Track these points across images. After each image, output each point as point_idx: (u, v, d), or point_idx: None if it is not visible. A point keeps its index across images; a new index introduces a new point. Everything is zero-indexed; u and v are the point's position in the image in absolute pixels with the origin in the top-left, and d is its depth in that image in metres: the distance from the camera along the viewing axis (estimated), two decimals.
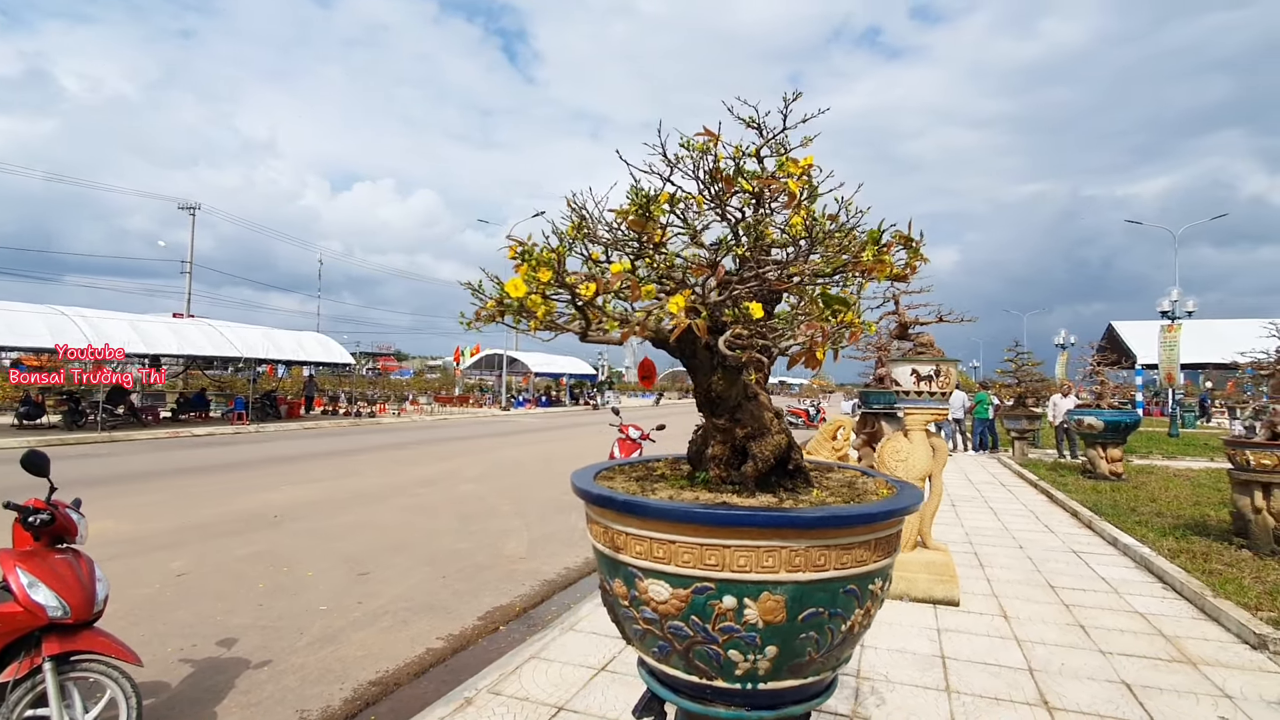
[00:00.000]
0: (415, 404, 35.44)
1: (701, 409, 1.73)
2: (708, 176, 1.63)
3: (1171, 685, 3.54)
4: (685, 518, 1.43)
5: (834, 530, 1.43)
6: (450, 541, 7.22)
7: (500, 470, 12.77)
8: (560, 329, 1.45)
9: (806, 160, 1.63)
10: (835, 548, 1.44)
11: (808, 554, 1.42)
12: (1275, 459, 5.78)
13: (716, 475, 1.74)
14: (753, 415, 1.70)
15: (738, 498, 1.63)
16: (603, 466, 1.99)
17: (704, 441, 1.82)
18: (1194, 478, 10.78)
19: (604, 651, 4.00)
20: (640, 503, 1.49)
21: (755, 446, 1.68)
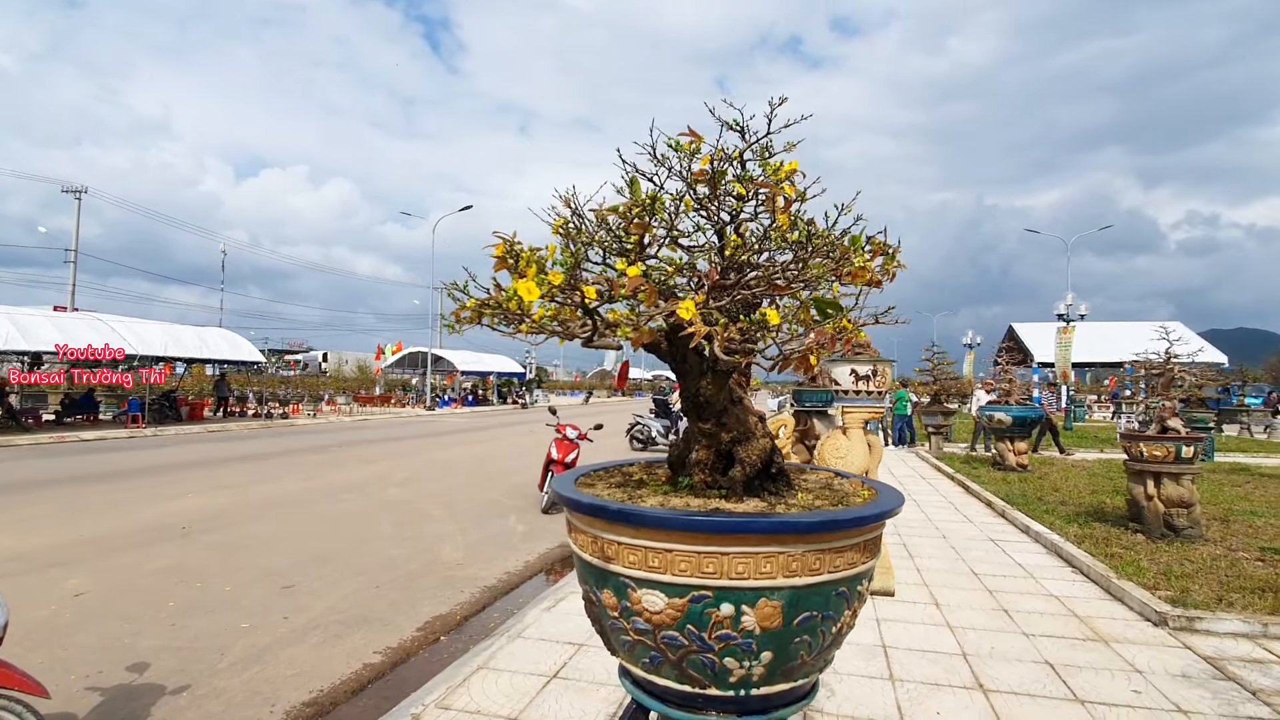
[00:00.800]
0: (333, 404, 33.83)
1: (688, 414, 1.71)
2: (694, 178, 1.61)
3: (1089, 663, 3.82)
4: (684, 526, 1.40)
5: (829, 534, 1.44)
6: (382, 549, 6.92)
7: (430, 473, 12.37)
8: (558, 334, 1.38)
9: (790, 165, 1.63)
10: (829, 551, 1.45)
11: (804, 558, 1.43)
12: (1165, 450, 6.33)
13: (701, 480, 1.72)
14: (738, 419, 1.69)
15: (727, 503, 1.62)
16: (581, 473, 1.94)
17: (687, 446, 1.80)
18: (1089, 468, 11.70)
19: (555, 658, 3.92)
20: (635, 511, 1.45)
21: (742, 451, 1.67)
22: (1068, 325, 19.11)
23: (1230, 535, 6.49)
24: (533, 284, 1.26)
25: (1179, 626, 4.27)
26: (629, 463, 2.16)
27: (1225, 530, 6.70)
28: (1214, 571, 5.23)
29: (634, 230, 1.44)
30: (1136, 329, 35.12)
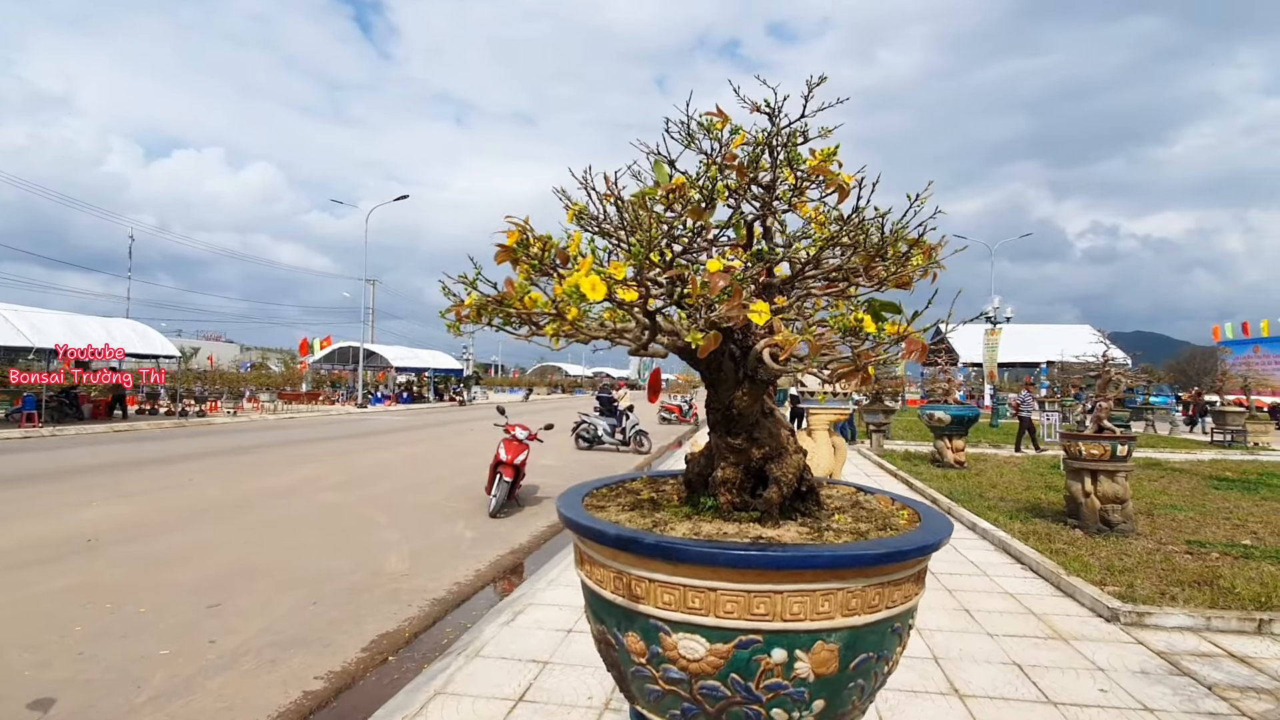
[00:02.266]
0: (255, 401, 31.96)
1: (715, 428, 1.52)
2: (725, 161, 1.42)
3: (1054, 662, 3.86)
4: (734, 562, 1.22)
5: (892, 565, 1.28)
6: (318, 560, 6.44)
7: (367, 475, 11.75)
8: (598, 338, 1.17)
9: (827, 150, 1.47)
10: (889, 585, 1.30)
11: (864, 594, 1.27)
12: (1101, 449, 6.60)
13: (728, 502, 1.54)
14: (770, 434, 1.52)
15: (762, 528, 1.44)
16: (583, 492, 1.72)
17: (709, 463, 1.61)
18: (1019, 464, 12.23)
19: (519, 679, 3.67)
20: (678, 546, 1.25)
21: (776, 469, 1.50)
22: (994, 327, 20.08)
23: (1158, 529, 6.83)
24: (597, 279, 1.04)
25: (1130, 622, 4.40)
26: (629, 478, 1.96)
27: (1152, 524, 7.05)
28: (1151, 565, 5.46)
29: (691, 217, 1.24)
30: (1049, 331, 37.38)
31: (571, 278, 1.06)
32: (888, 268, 1.41)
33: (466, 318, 1.30)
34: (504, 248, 1.35)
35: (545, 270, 1.20)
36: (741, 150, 1.45)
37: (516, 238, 1.20)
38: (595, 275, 1.04)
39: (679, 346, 1.26)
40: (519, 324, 1.23)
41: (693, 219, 1.26)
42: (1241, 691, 3.48)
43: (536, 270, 1.21)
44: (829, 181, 1.30)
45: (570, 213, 1.36)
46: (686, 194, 1.21)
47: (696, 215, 1.25)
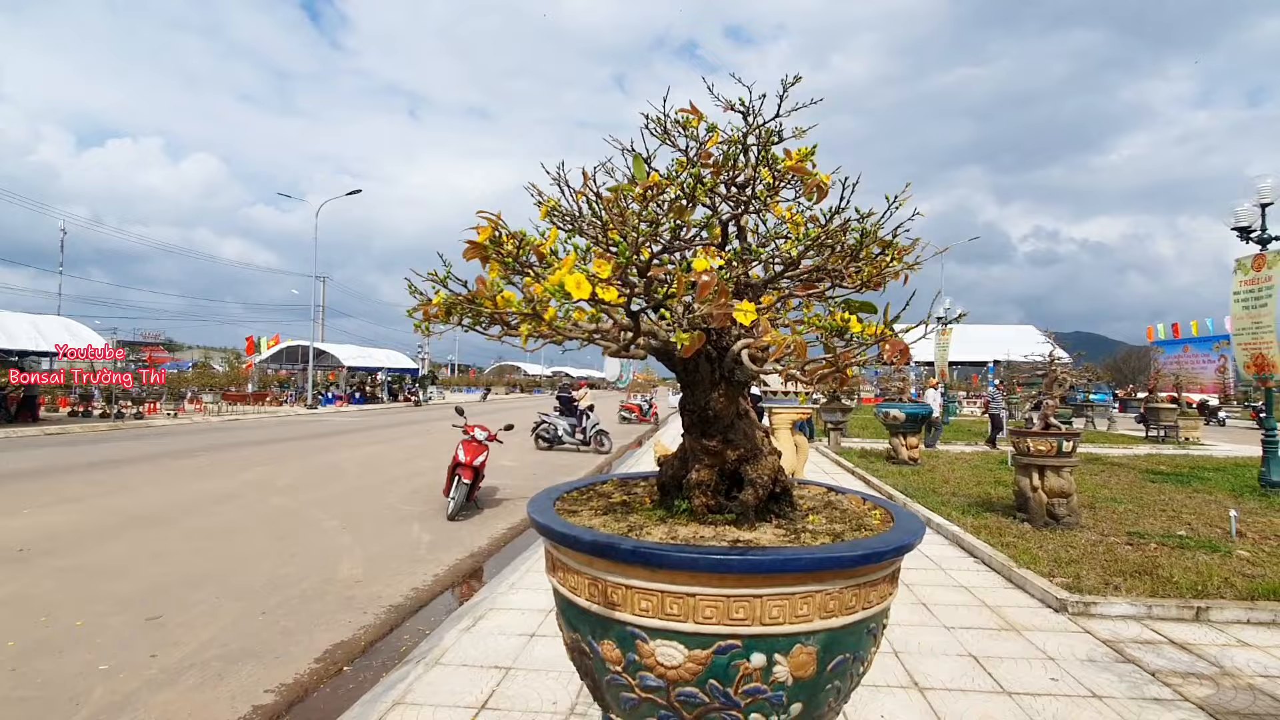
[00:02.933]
0: (197, 403, 30.68)
1: (690, 429, 1.50)
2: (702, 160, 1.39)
3: (1007, 653, 3.98)
4: (715, 567, 1.19)
5: (871, 566, 1.28)
6: (267, 568, 6.20)
7: (317, 478, 11.39)
8: (579, 338, 1.13)
9: (804, 150, 1.46)
10: (865, 586, 1.30)
11: (842, 596, 1.26)
12: (1049, 445, 6.85)
13: (703, 504, 1.52)
14: (746, 435, 1.51)
15: (739, 530, 1.42)
16: (553, 496, 1.68)
17: (683, 465, 1.59)
18: (969, 460, 12.62)
19: (481, 686, 3.59)
20: (656, 551, 1.22)
21: (752, 470, 1.49)
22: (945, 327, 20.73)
23: (1100, 521, 7.12)
24: (581, 277, 1.00)
25: (1077, 612, 4.57)
26: (599, 480, 1.92)
27: (1095, 517, 7.35)
28: (1095, 557, 5.68)
29: (673, 216, 1.21)
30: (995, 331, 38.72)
31: (554, 275, 1.02)
32: (861, 269, 1.41)
33: (434, 317, 1.24)
34: (474, 244, 1.30)
35: (520, 268, 1.15)
36: (717, 149, 1.43)
37: (488, 234, 1.15)
38: (579, 274, 1.00)
39: (656, 347, 1.23)
40: (490, 324, 1.18)
41: (674, 217, 1.23)
42: (1183, 677, 3.65)
43: (511, 268, 1.16)
44: (807, 181, 1.29)
45: (543, 209, 1.32)
46: (663, 190, 1.18)
47: (679, 214, 1.22)
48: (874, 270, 1.41)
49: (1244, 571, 5.24)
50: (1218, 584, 4.91)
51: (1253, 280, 8.63)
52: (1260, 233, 8.66)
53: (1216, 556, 5.70)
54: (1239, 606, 4.51)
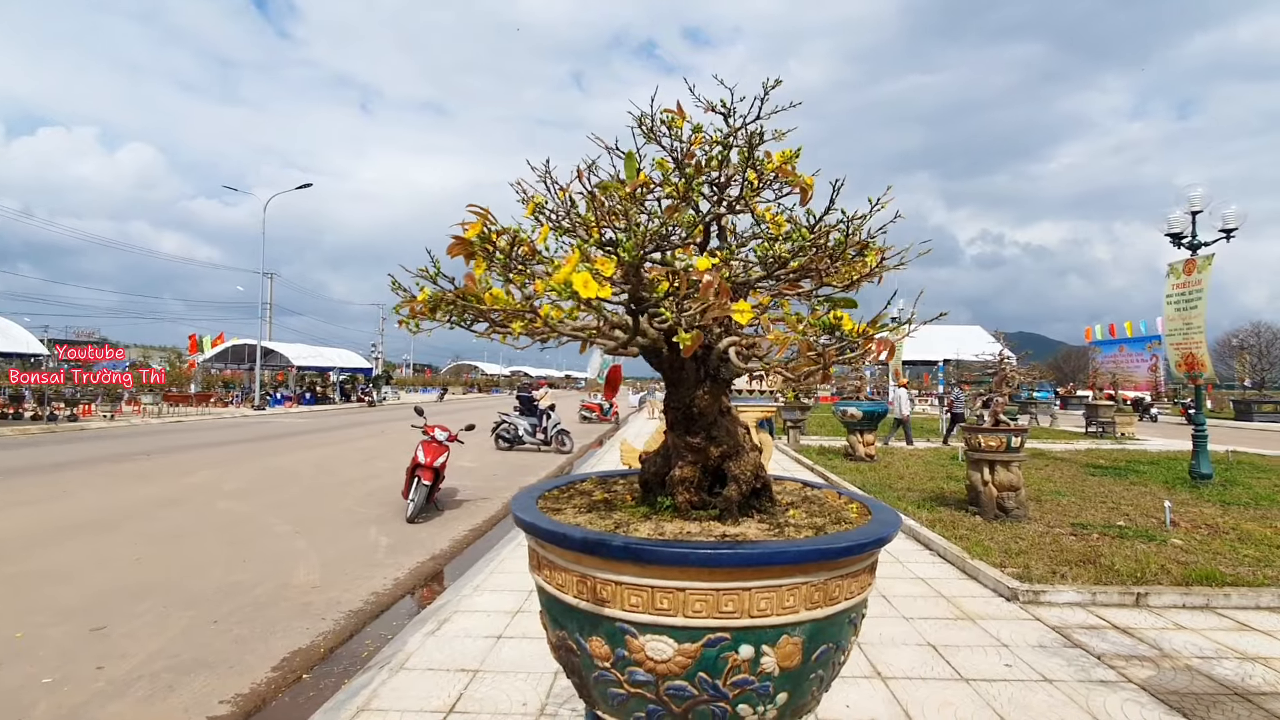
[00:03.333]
0: (136, 404, 29.32)
1: (674, 426, 1.51)
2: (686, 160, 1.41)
3: (964, 641, 4.12)
4: (705, 561, 1.21)
5: (853, 557, 1.31)
6: (217, 575, 5.98)
7: (268, 482, 11.03)
8: (579, 337, 1.12)
9: (789, 152, 1.49)
10: (848, 576, 1.33)
11: (826, 587, 1.29)
12: (998, 441, 7.11)
13: (686, 500, 1.53)
14: (728, 432, 1.53)
15: (724, 525, 1.45)
16: (534, 495, 1.67)
17: (665, 462, 1.60)
18: (923, 456, 13.00)
19: (448, 690, 3.53)
20: (648, 547, 1.23)
21: (734, 467, 1.51)
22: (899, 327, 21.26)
23: (1046, 514, 7.43)
24: (588, 275, 0.99)
25: (1028, 600, 4.76)
26: (577, 479, 1.92)
27: (1041, 509, 7.67)
28: (1042, 547, 5.93)
29: (667, 215, 1.22)
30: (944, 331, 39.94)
31: (560, 274, 1.01)
32: (838, 269, 1.44)
33: (420, 314, 1.23)
34: (460, 240, 1.28)
35: (515, 265, 1.14)
36: (700, 150, 1.45)
37: (478, 229, 1.14)
38: (586, 272, 0.99)
39: (645, 345, 1.24)
40: (477, 321, 1.17)
41: (668, 217, 1.24)
42: (1126, 660, 3.84)
43: (506, 265, 1.15)
44: (792, 182, 1.32)
45: (529, 206, 1.31)
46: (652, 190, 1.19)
47: (671, 213, 1.23)
48: (860, 270, 1.45)
49: (1178, 559, 5.54)
50: (1155, 571, 5.18)
51: (1184, 284, 9.13)
52: (1191, 239, 9.18)
53: (1153, 545, 6.01)
54: (1175, 592, 4.76)
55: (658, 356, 1.33)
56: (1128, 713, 3.25)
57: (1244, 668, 3.75)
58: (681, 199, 1.23)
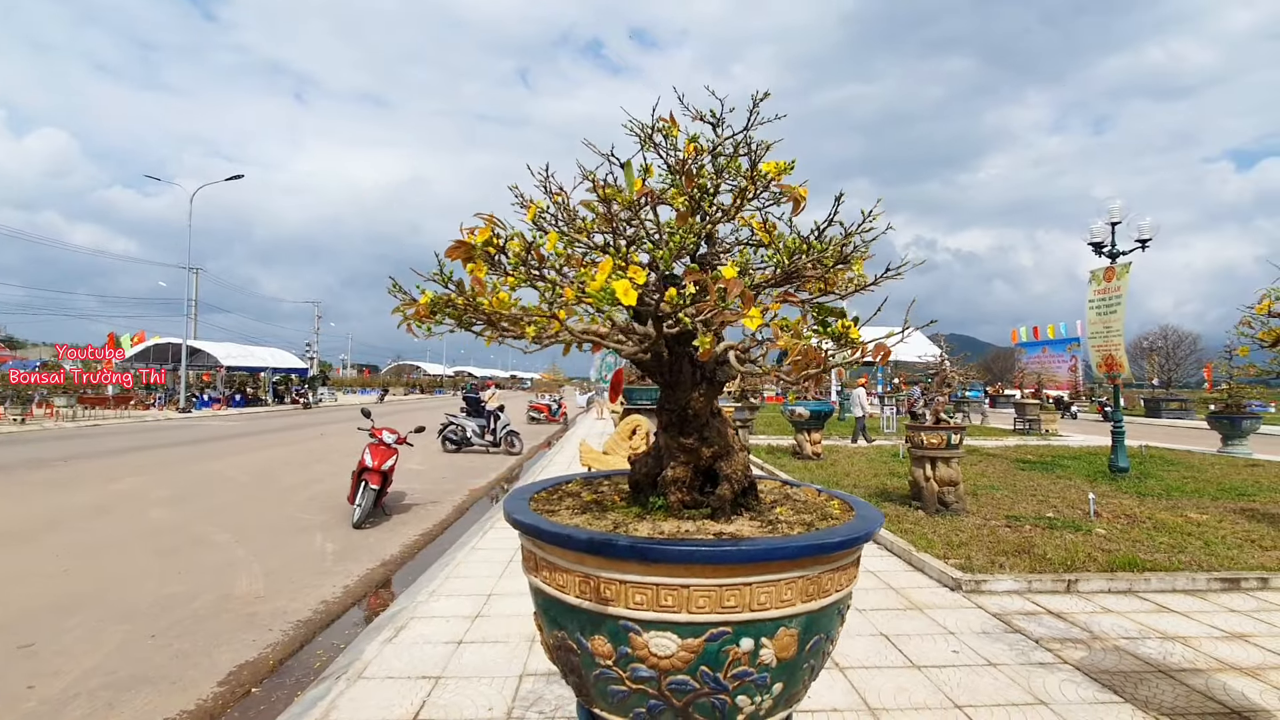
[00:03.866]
0: (48, 406, 27.39)
1: (668, 428, 1.55)
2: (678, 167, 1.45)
3: (914, 630, 4.31)
4: (709, 558, 1.25)
5: (844, 552, 1.38)
6: (151, 587, 5.68)
7: (201, 489, 10.51)
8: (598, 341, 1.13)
9: (780, 165, 1.54)
10: (838, 570, 1.40)
11: (819, 580, 1.35)
12: (939, 439, 7.44)
13: (679, 500, 1.57)
14: (719, 433, 1.57)
15: (718, 524, 1.49)
16: (523, 498, 1.68)
17: (657, 463, 1.63)
18: (866, 454, 13.45)
19: (411, 698, 3.47)
20: (654, 546, 1.26)
21: (726, 466, 1.56)
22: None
23: (982, 507, 7.82)
24: (627, 283, 1.00)
25: (970, 589, 5.01)
26: (562, 480, 1.93)
27: (977, 503, 8.06)
28: (981, 539, 6.24)
29: (679, 225, 1.24)
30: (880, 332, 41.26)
31: (597, 280, 1.03)
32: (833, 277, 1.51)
33: (419, 316, 1.22)
34: (462, 244, 1.28)
35: (529, 271, 1.15)
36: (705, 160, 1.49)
37: (486, 235, 1.15)
38: (626, 280, 1.01)
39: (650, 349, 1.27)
40: (482, 325, 1.17)
41: (679, 226, 1.27)
42: (1061, 643, 4.09)
43: (522, 270, 1.15)
44: (787, 193, 1.38)
45: (530, 211, 1.32)
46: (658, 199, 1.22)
47: (684, 221, 1.26)
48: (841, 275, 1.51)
49: (1103, 547, 5.93)
50: (1083, 559, 5.53)
51: (1104, 290, 9.76)
52: (1111, 248, 9.83)
53: (1080, 535, 6.41)
54: (1102, 578, 5.10)
55: (657, 360, 1.36)
56: (1065, 692, 3.47)
57: (1165, 646, 4.05)
58: (694, 208, 1.27)
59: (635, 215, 1.28)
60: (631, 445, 5.33)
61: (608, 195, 1.29)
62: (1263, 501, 8.40)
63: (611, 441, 5.43)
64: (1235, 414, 14.34)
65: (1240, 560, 5.62)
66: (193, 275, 35.34)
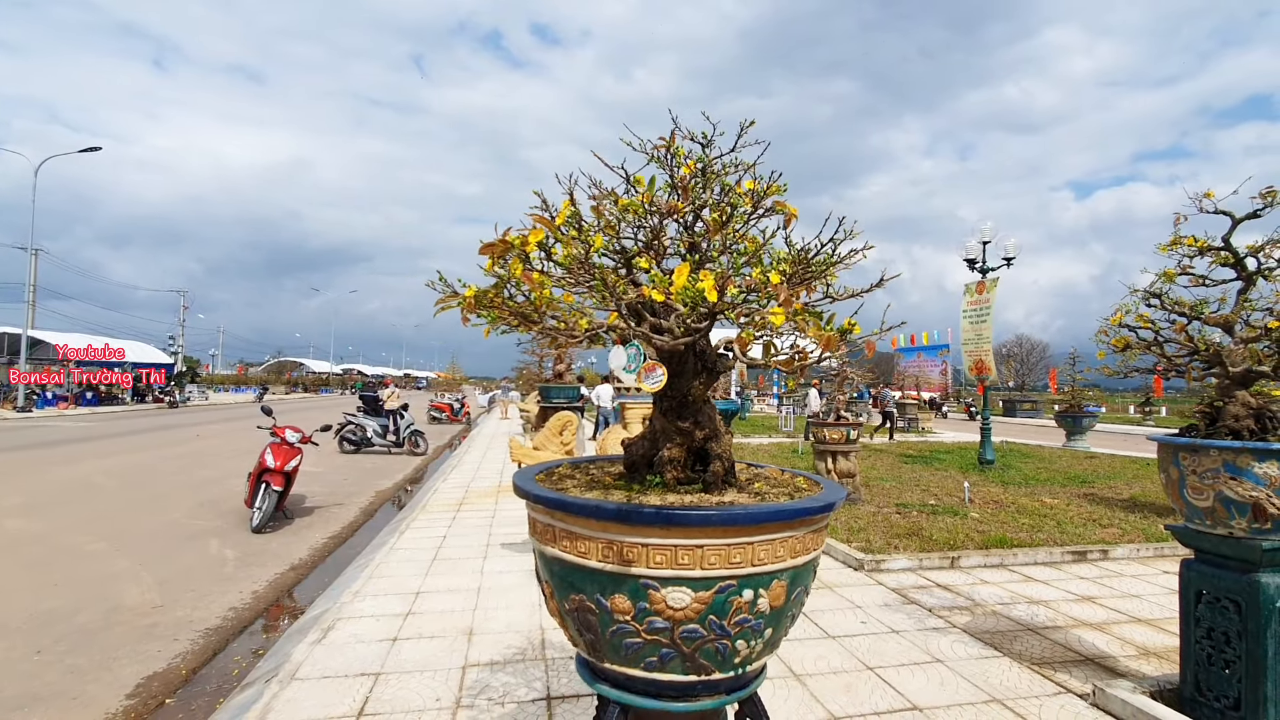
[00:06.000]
0: None
1: (667, 413, 1.74)
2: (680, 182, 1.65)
3: (827, 606, 4.73)
4: (724, 520, 1.45)
5: (822, 515, 1.63)
6: (24, 602, 5.17)
7: (61, 496, 9.51)
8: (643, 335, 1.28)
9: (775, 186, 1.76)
10: (816, 531, 1.64)
11: (804, 540, 1.59)
12: (839, 434, 8.08)
13: (674, 478, 1.76)
14: (710, 417, 1.78)
15: (711, 496, 1.70)
16: (528, 479, 1.81)
17: (653, 445, 1.82)
18: (768, 450, 14.21)
19: (352, 695, 3.43)
20: (678, 512, 1.44)
21: (716, 447, 1.77)
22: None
23: (875, 497, 8.55)
24: (710, 283, 1.15)
25: (871, 569, 5.54)
26: (552, 466, 2.07)
27: (870, 493, 8.80)
28: (877, 525, 6.87)
29: (711, 234, 1.42)
30: None
31: (679, 282, 1.18)
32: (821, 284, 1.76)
33: (467, 309, 1.34)
34: (501, 242, 1.41)
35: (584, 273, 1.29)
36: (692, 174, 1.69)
37: (540, 236, 1.28)
38: (710, 280, 1.18)
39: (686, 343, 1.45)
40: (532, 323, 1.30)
41: (712, 235, 1.46)
42: (950, 610, 4.64)
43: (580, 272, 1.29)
44: (779, 209, 1.60)
45: (560, 215, 1.46)
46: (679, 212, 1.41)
47: (716, 231, 1.45)
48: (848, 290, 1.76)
49: (977, 529, 6.70)
50: (962, 539, 6.24)
51: (976, 301, 10.93)
52: (982, 264, 11.03)
53: (958, 519, 7.19)
54: (979, 555, 5.79)
55: (670, 351, 1.55)
56: (956, 650, 3.97)
57: (1032, 609, 4.70)
58: (724, 221, 1.46)
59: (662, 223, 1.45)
60: (562, 441, 5.45)
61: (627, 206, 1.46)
62: (1100, 488, 9.74)
63: (542, 437, 5.53)
64: (1077, 413, 16.38)
65: (1085, 536, 6.55)
66: (33, 257, 31.30)
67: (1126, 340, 3.13)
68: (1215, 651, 2.86)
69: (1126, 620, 4.53)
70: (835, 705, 3.31)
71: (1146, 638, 4.23)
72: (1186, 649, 3.02)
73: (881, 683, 3.55)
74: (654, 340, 1.34)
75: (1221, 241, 3.00)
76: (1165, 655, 3.92)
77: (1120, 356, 3.31)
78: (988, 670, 3.71)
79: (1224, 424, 2.86)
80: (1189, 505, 2.89)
